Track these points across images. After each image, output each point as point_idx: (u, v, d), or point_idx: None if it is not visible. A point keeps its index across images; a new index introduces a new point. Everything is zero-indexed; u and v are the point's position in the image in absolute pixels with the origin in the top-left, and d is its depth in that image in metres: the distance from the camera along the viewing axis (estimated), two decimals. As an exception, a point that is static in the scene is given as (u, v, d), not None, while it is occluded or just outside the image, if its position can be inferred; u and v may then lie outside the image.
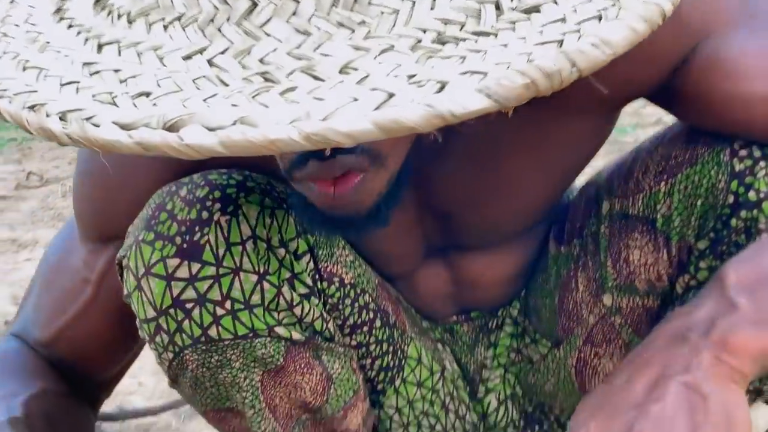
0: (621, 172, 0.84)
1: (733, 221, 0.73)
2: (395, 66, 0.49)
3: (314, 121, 0.45)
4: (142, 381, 1.62)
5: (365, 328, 0.86)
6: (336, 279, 0.83)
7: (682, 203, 0.77)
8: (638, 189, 0.80)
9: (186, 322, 0.74)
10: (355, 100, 0.47)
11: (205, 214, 0.74)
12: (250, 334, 0.76)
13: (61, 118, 0.50)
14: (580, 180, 0.91)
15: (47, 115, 0.51)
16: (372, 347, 0.87)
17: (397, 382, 0.90)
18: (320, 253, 0.82)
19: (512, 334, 0.96)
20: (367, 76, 0.48)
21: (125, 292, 0.76)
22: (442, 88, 0.47)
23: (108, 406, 1.54)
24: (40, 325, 0.89)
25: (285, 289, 0.77)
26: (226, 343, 0.75)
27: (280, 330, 0.77)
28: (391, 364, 0.89)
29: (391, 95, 0.47)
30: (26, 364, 0.88)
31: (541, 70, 0.47)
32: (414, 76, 0.48)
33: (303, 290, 0.79)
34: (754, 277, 0.65)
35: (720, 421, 0.59)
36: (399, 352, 0.89)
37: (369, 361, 0.88)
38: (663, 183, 0.78)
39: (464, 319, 0.96)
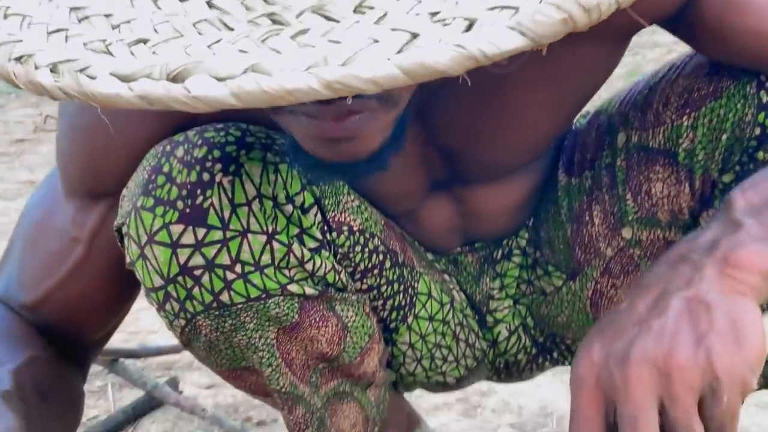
0: (637, 103, 0.79)
1: (760, 154, 0.70)
2: (415, 3, 0.43)
3: (333, 67, 0.40)
4: (165, 319, 1.60)
5: (376, 271, 0.82)
6: (345, 228, 0.79)
7: (706, 137, 0.73)
8: (659, 122, 0.76)
9: (196, 289, 0.70)
10: (376, 42, 0.41)
11: (206, 176, 0.68)
12: (263, 295, 0.72)
13: (52, 70, 0.45)
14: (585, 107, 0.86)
15: (36, 67, 0.45)
16: (383, 288, 0.84)
17: (410, 319, 0.87)
18: (327, 203, 0.78)
19: (521, 265, 0.92)
20: (385, 15, 0.43)
21: (128, 260, 0.71)
22: (470, 27, 0.42)
23: (131, 344, 1.53)
24: (26, 288, 0.81)
25: (295, 246, 0.73)
26: (239, 306, 0.71)
27: (293, 287, 0.73)
28: (403, 302, 0.86)
29: (414, 35, 0.41)
30: (11, 330, 0.80)
31: (579, 4, 0.41)
32: (437, 13, 0.43)
33: (313, 244, 0.75)
34: (762, 199, 0.61)
35: (727, 329, 0.53)
36: (410, 289, 0.86)
37: (381, 302, 0.84)
38: (686, 117, 0.73)
39: (468, 250, 0.92)
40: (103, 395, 1.43)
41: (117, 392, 1.44)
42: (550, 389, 1.42)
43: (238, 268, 0.70)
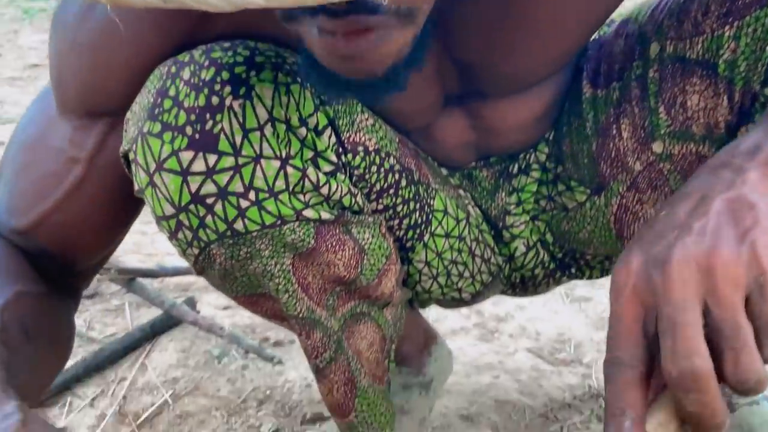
0: (672, 11, 0.74)
1: None
2: None
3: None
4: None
5: (391, 191, 0.79)
6: (360, 148, 0.75)
7: (749, 47, 0.67)
8: (697, 31, 0.71)
9: (209, 218, 0.67)
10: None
11: (215, 100, 0.64)
12: (278, 222, 0.69)
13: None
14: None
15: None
16: (399, 208, 0.81)
17: (426, 237, 0.84)
18: (341, 123, 0.74)
19: (540, 180, 0.89)
20: None
21: (136, 187, 0.68)
22: None
23: (148, 264, 1.53)
24: (18, 212, 0.75)
25: (310, 170, 0.69)
26: (254, 234, 0.68)
27: (309, 212, 0.70)
28: (419, 220, 0.83)
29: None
30: None
31: None
32: None
33: (328, 168, 0.71)
34: None
35: None
36: (426, 207, 0.83)
37: (397, 221, 0.82)
38: (728, 26, 0.68)
39: (483, 165, 0.89)
40: (120, 314, 1.43)
41: (134, 311, 1.43)
42: (568, 316, 1.41)
43: (251, 195, 0.67)
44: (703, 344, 0.46)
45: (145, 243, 1.63)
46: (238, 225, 0.67)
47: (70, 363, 1.23)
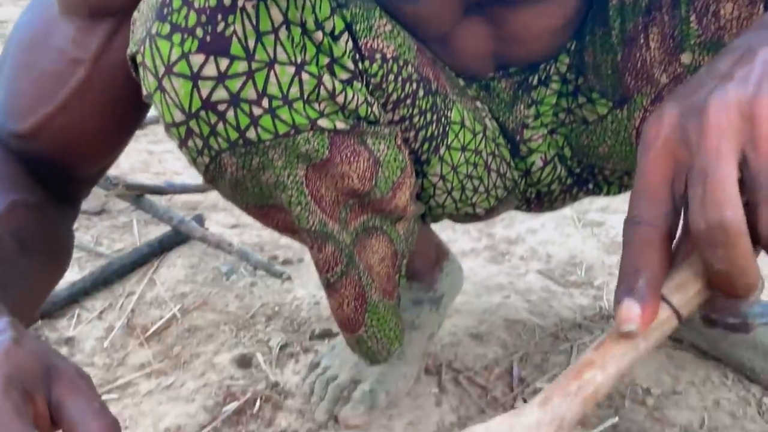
0: None
1: None
2: None
3: None
4: (191, 162, 1.58)
5: (408, 101, 0.77)
6: (378, 55, 0.72)
7: None
8: None
9: (220, 125, 0.64)
10: None
11: (227, 0, 0.61)
12: (292, 131, 0.66)
13: None
14: None
15: None
16: (416, 119, 0.78)
17: (442, 150, 0.82)
18: (358, 28, 0.71)
19: (560, 92, 0.85)
20: None
21: (144, 92, 0.65)
22: None
23: (156, 181, 1.51)
24: (19, 115, 0.72)
25: (325, 77, 0.67)
26: (267, 143, 0.66)
27: (323, 122, 0.68)
28: (436, 133, 0.81)
29: None
30: None
31: None
32: None
33: (344, 75, 0.69)
34: None
35: None
36: (443, 119, 0.81)
37: (412, 133, 0.79)
38: None
39: (501, 76, 0.86)
40: (128, 230, 1.42)
41: (143, 228, 1.42)
42: (580, 240, 1.39)
43: (264, 102, 0.64)
44: (736, 195, 0.41)
45: (153, 162, 1.61)
46: (251, 133, 0.65)
47: (77, 276, 1.23)
